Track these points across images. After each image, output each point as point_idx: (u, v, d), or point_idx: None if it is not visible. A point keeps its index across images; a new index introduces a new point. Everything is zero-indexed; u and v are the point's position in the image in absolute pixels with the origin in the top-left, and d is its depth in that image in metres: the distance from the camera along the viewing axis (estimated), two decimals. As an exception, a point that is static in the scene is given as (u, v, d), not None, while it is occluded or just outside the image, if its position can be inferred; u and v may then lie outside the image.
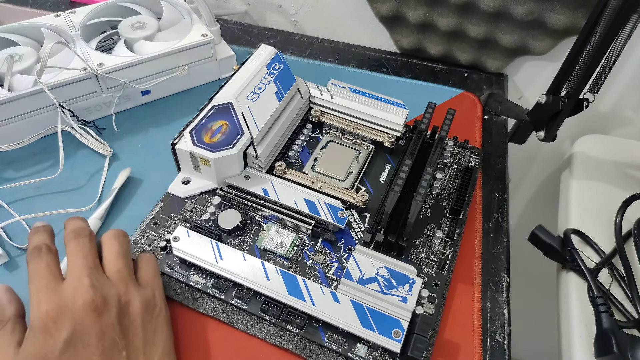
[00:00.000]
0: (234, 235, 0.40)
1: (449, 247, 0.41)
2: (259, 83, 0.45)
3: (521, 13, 0.53)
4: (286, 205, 0.41)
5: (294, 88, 0.47)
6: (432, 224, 0.42)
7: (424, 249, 0.41)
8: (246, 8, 0.68)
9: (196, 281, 0.37)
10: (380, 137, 0.47)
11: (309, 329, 0.35)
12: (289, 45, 0.62)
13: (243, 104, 0.43)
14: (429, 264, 0.40)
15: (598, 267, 0.42)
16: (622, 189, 0.49)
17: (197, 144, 0.40)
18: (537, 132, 0.48)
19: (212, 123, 0.42)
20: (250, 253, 0.38)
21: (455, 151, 0.48)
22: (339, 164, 0.45)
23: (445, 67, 0.62)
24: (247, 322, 0.36)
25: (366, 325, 0.34)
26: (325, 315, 0.34)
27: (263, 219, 0.41)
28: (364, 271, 0.37)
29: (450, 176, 0.46)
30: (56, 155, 0.45)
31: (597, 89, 0.42)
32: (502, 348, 0.38)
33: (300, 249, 0.40)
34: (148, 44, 0.50)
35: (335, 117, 0.48)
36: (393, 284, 0.36)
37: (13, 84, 0.45)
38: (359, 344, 0.35)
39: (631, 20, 0.37)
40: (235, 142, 0.41)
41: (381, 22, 0.61)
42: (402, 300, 0.35)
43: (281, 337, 0.35)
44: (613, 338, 0.36)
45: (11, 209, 0.42)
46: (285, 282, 0.36)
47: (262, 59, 0.47)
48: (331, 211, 0.41)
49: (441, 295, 0.38)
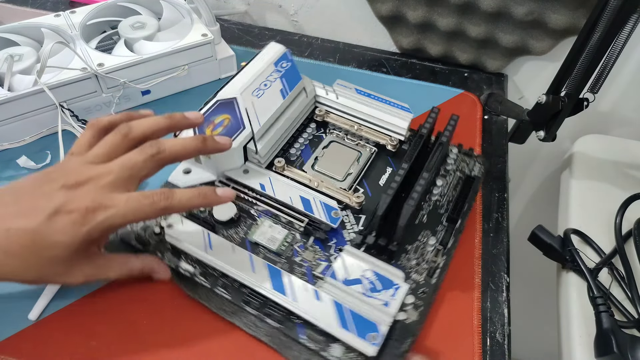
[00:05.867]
0: (228, 227, 0.40)
1: (441, 255, 0.40)
2: (265, 80, 0.45)
3: (521, 13, 0.53)
4: (281, 201, 0.41)
5: (299, 86, 0.47)
6: (427, 231, 0.42)
7: (416, 255, 0.40)
8: (246, 8, 0.68)
9: (185, 269, 0.38)
10: (384, 140, 0.47)
11: (288, 323, 0.36)
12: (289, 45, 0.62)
13: (247, 99, 0.43)
14: (419, 271, 0.39)
15: (598, 267, 0.42)
16: (622, 189, 0.49)
17: None
18: (537, 132, 0.48)
19: (215, 117, 0.42)
20: (242, 246, 0.39)
21: (459, 159, 0.47)
22: (339, 165, 0.45)
23: (445, 67, 0.62)
24: (228, 310, 0.37)
25: (344, 326, 0.34)
26: (303, 312, 0.35)
27: (258, 213, 0.42)
28: (350, 272, 0.36)
29: (451, 184, 0.45)
30: (57, 155, 0.45)
31: (597, 89, 0.42)
32: (502, 348, 0.38)
33: (291, 245, 0.40)
34: (148, 44, 0.50)
35: (340, 117, 0.48)
36: (377, 287, 0.36)
37: (13, 84, 0.45)
38: (335, 344, 0.35)
39: (631, 20, 0.37)
40: (235, 136, 0.41)
41: (381, 22, 0.61)
42: (385, 305, 0.35)
43: (259, 329, 0.36)
44: (613, 338, 0.36)
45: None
46: (270, 275, 0.36)
47: (270, 56, 0.47)
48: (325, 210, 0.41)
49: (427, 304, 0.37)
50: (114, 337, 0.36)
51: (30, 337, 0.35)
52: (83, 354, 0.35)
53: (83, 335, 0.36)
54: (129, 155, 0.33)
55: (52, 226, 0.30)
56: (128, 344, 0.35)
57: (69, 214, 0.30)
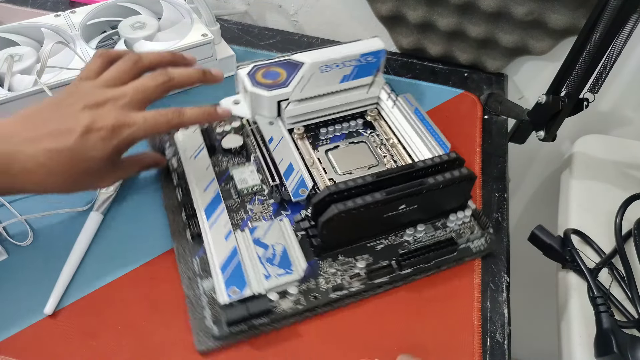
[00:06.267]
0: (225, 154, 0.46)
1: (360, 282, 0.38)
2: (341, 62, 0.47)
3: (521, 13, 0.53)
4: (272, 158, 0.44)
5: (364, 81, 0.48)
6: (369, 255, 0.40)
7: (341, 267, 0.39)
8: (246, 8, 0.68)
9: (172, 163, 0.44)
10: (404, 164, 0.46)
11: (198, 241, 0.39)
12: (289, 45, 0.62)
13: (312, 70, 0.46)
14: (329, 280, 0.38)
15: (598, 267, 0.42)
16: (622, 189, 0.49)
17: (250, 74, 0.46)
18: (537, 132, 0.48)
19: (277, 68, 0.46)
20: (222, 173, 0.44)
21: (470, 223, 0.43)
22: (350, 162, 0.45)
23: (445, 67, 0.62)
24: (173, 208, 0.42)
25: (222, 269, 0.36)
26: (207, 238, 0.38)
27: (253, 157, 0.46)
28: (268, 237, 0.39)
29: (437, 239, 0.41)
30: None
31: (597, 89, 0.42)
32: (502, 348, 0.38)
33: (253, 193, 0.43)
34: (148, 44, 0.51)
35: (385, 126, 0.49)
36: (275, 261, 0.37)
37: (13, 84, 0.45)
38: (209, 280, 0.37)
39: (631, 20, 0.37)
40: (273, 89, 0.45)
41: (381, 22, 0.61)
42: (265, 277, 0.36)
43: (174, 237, 0.40)
44: (613, 338, 0.36)
45: (12, 208, 0.42)
46: (212, 199, 0.40)
47: (365, 47, 0.48)
48: (298, 184, 0.42)
49: (310, 309, 0.37)
50: (114, 337, 0.36)
51: (31, 337, 0.35)
52: (83, 354, 0.35)
53: (83, 335, 0.36)
54: (142, 80, 0.37)
55: (86, 143, 0.34)
56: (128, 344, 0.35)
57: (98, 131, 0.34)
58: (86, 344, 0.35)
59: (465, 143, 0.51)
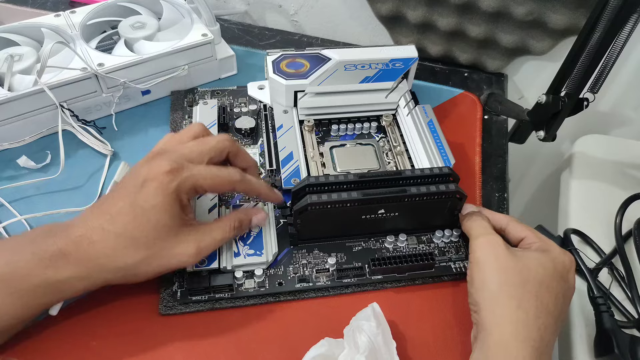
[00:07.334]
0: (235, 134, 0.48)
1: (325, 278, 0.39)
2: (369, 64, 0.48)
3: (521, 13, 0.53)
4: (276, 144, 0.45)
5: (384, 85, 0.48)
6: (343, 254, 0.40)
7: (312, 260, 0.40)
8: (246, 8, 0.68)
9: None
10: None
11: None
12: (289, 45, 0.62)
13: (337, 66, 0.47)
14: (296, 270, 0.39)
15: (598, 267, 0.42)
16: (622, 189, 0.49)
17: (275, 61, 0.47)
18: (537, 132, 0.48)
19: (301, 59, 0.48)
20: None
21: (457, 243, 0.42)
22: (351, 162, 0.45)
23: (445, 67, 0.62)
24: None
25: None
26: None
27: (259, 141, 0.48)
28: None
29: (416, 254, 0.40)
30: (57, 155, 0.45)
31: (597, 89, 0.42)
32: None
33: None
34: (148, 44, 0.50)
35: (396, 132, 0.48)
36: (248, 241, 0.39)
37: (13, 83, 0.45)
38: None
39: (631, 20, 0.37)
40: (292, 79, 0.46)
41: (381, 22, 0.61)
42: (235, 254, 0.38)
43: None
44: (613, 338, 0.36)
45: (13, 208, 0.42)
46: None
47: (396, 52, 0.49)
48: (292, 174, 0.43)
49: (270, 294, 0.38)
50: (114, 338, 0.36)
51: (31, 337, 0.35)
52: (83, 354, 0.35)
53: (83, 335, 0.36)
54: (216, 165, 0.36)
55: (142, 195, 0.32)
56: (128, 345, 0.35)
57: (154, 179, 0.33)
58: (86, 344, 0.35)
59: (465, 143, 0.51)
